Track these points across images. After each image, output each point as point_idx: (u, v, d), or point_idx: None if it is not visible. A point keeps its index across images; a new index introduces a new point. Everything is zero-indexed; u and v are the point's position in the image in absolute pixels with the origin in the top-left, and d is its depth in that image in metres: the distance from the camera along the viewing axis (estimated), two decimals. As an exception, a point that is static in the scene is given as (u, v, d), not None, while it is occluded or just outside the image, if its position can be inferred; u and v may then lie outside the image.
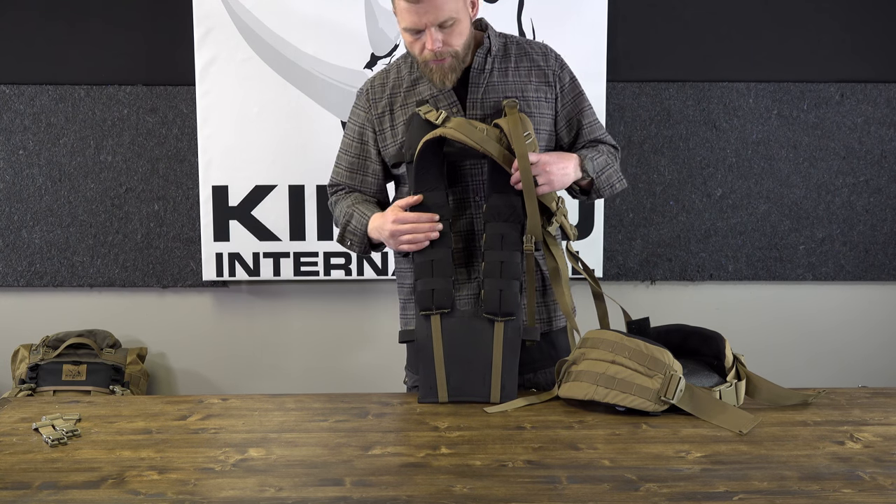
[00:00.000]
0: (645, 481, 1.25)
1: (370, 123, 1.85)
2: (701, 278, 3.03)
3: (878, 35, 2.93)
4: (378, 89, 1.85)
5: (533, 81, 1.81)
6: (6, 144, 2.91)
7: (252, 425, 1.51)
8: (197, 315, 3.03)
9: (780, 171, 2.98)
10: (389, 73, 1.86)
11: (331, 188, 1.95)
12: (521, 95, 1.79)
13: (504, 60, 1.81)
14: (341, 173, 1.91)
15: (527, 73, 1.81)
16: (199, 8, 2.80)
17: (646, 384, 1.52)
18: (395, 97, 1.82)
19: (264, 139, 2.85)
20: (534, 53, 1.83)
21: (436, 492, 1.22)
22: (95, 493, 1.22)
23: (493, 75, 1.79)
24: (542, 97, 1.82)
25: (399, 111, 1.81)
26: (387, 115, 1.83)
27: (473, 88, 1.78)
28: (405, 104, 1.81)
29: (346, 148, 1.90)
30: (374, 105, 1.84)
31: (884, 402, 1.63)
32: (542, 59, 1.83)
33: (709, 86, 2.95)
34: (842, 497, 1.19)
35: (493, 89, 1.78)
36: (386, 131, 1.83)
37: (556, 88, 1.83)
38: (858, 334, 3.08)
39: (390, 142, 1.83)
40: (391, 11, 2.78)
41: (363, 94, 1.87)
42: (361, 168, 1.88)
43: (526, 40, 1.87)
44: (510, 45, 1.84)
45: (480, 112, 1.77)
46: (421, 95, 1.79)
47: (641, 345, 1.55)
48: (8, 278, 2.97)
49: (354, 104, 1.89)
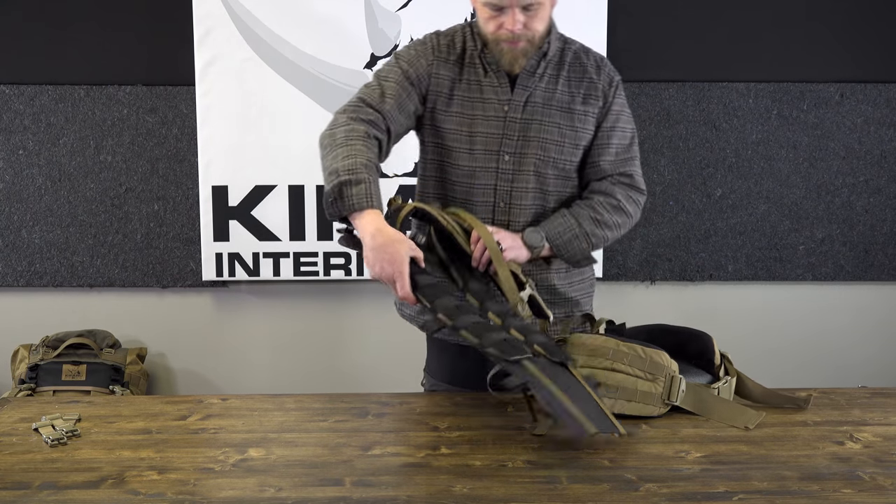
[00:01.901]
0: (645, 481, 1.25)
1: (427, 77, 1.73)
2: (701, 278, 3.03)
3: (878, 35, 2.93)
4: (444, 49, 1.75)
5: (581, 94, 1.75)
6: (6, 144, 2.91)
7: (252, 425, 1.51)
8: (197, 315, 3.03)
9: (779, 171, 2.98)
10: (455, 38, 1.77)
11: (357, 108, 1.69)
12: (566, 108, 1.74)
13: (558, 67, 1.75)
14: (387, 101, 1.69)
15: (577, 85, 1.75)
16: (199, 8, 2.80)
17: (649, 389, 1.51)
18: (461, 67, 1.74)
19: (264, 139, 2.85)
20: (589, 65, 1.77)
21: (436, 492, 1.22)
22: (95, 493, 1.22)
23: (543, 80, 1.74)
24: (589, 112, 1.76)
25: (463, 84, 1.73)
26: (447, 81, 1.73)
27: (519, 90, 1.72)
28: (468, 80, 1.73)
29: (393, 77, 1.72)
30: (438, 63, 1.74)
31: (883, 402, 1.63)
32: (595, 73, 1.77)
33: (709, 86, 2.95)
34: (842, 497, 1.19)
35: (538, 94, 1.73)
36: (441, 97, 1.74)
37: (601, 103, 1.77)
38: (858, 334, 3.08)
39: (441, 108, 1.74)
40: (391, 11, 2.82)
41: (428, 44, 1.76)
42: (405, 109, 1.72)
43: (585, 49, 1.80)
44: (567, 51, 1.77)
45: (520, 115, 1.72)
46: (480, 77, 1.73)
47: (638, 349, 1.52)
48: (8, 278, 2.97)
49: (413, 48, 1.76)
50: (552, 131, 1.73)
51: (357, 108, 1.69)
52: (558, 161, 1.75)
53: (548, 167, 1.75)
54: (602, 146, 1.78)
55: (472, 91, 1.73)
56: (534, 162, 1.74)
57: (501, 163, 1.74)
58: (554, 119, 1.74)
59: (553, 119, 1.74)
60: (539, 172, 1.74)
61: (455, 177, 1.76)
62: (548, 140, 1.73)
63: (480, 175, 1.75)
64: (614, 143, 1.78)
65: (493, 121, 1.73)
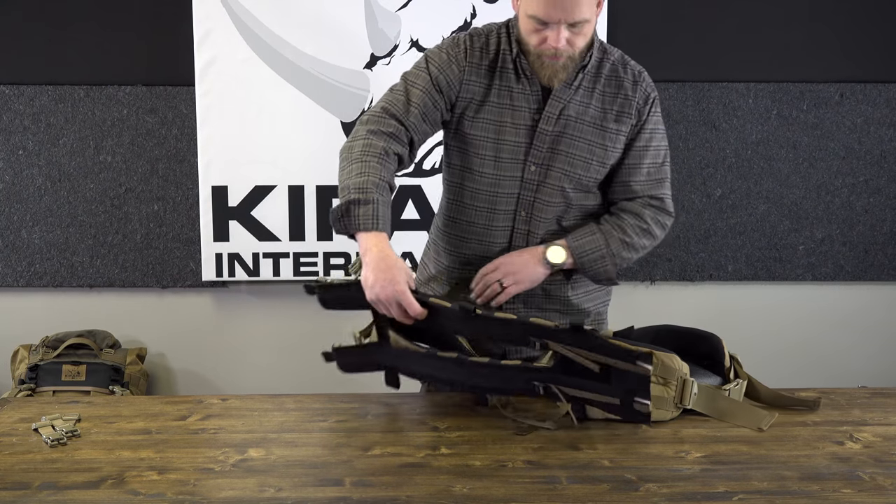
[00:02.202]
0: (645, 481, 1.25)
1: (458, 83, 1.67)
2: (701, 278, 3.03)
3: (878, 35, 2.93)
4: (478, 54, 1.68)
5: (615, 111, 1.70)
6: (6, 144, 2.91)
7: (252, 425, 1.51)
8: (197, 315, 3.03)
9: (779, 171, 2.98)
10: (490, 40, 1.69)
11: (379, 119, 1.64)
12: (599, 125, 1.69)
13: (594, 80, 1.70)
14: (412, 111, 1.64)
15: (611, 101, 1.70)
16: (199, 8, 2.80)
17: (661, 394, 1.49)
18: (493, 72, 1.68)
19: (264, 139, 2.85)
20: (625, 80, 1.71)
21: (436, 492, 1.22)
22: (95, 493, 1.22)
23: (578, 93, 1.68)
24: (621, 130, 1.71)
25: (494, 90, 1.68)
26: (478, 87, 1.68)
27: (554, 102, 1.67)
28: (500, 86, 1.68)
29: (421, 83, 1.66)
30: (471, 69, 1.68)
31: (883, 402, 1.63)
32: (631, 89, 1.71)
33: (709, 86, 2.95)
34: (842, 497, 1.19)
35: (572, 108, 1.68)
36: (472, 103, 1.68)
37: (634, 121, 1.72)
38: (858, 334, 3.08)
39: (469, 115, 1.68)
40: (391, 11, 2.82)
41: (462, 47, 1.69)
42: (431, 117, 1.67)
43: (623, 60, 1.74)
44: (605, 62, 1.71)
45: (552, 128, 1.67)
46: (512, 83, 1.67)
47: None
48: (8, 278, 2.97)
49: (445, 51, 1.69)
50: (581, 147, 1.69)
51: (380, 118, 1.64)
52: (583, 178, 1.71)
53: (572, 182, 1.71)
54: (634, 166, 1.74)
55: (502, 98, 1.68)
56: (559, 176, 1.70)
57: (527, 172, 1.70)
58: (585, 135, 1.69)
59: (584, 135, 1.69)
60: (563, 187, 1.71)
61: (478, 184, 1.73)
62: (576, 156, 1.69)
63: (504, 183, 1.71)
64: (646, 164, 1.75)
65: (522, 129, 1.68)
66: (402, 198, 2.87)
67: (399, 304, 1.47)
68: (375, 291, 1.48)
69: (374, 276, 1.47)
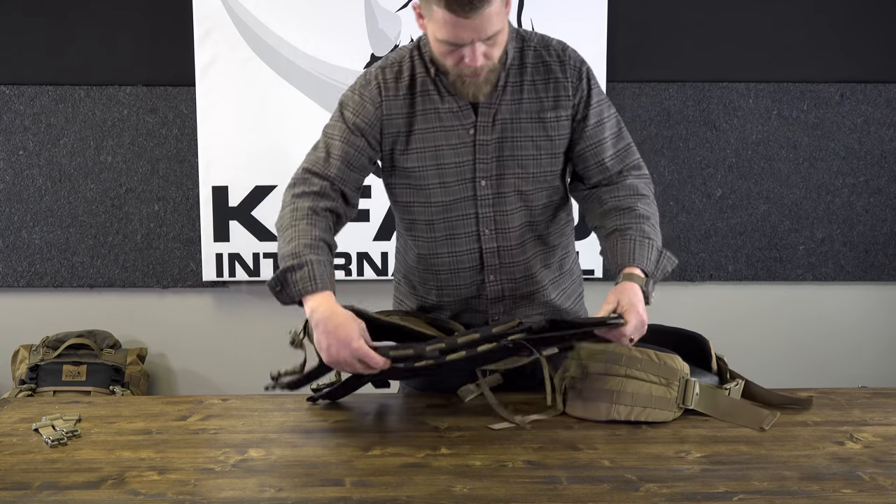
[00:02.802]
0: (645, 481, 1.25)
1: (377, 122, 1.61)
2: (701, 278, 3.03)
3: (878, 35, 2.93)
4: (392, 85, 1.61)
5: (550, 98, 1.61)
6: (6, 145, 2.92)
7: (252, 425, 1.51)
8: (197, 315, 3.03)
9: (780, 171, 2.98)
10: (402, 67, 1.62)
11: (303, 180, 1.61)
12: (537, 117, 1.60)
13: (519, 73, 1.61)
14: (333, 164, 1.60)
15: (544, 88, 1.61)
16: (199, 8, 2.80)
17: (663, 394, 1.49)
18: (413, 99, 1.61)
19: (264, 139, 2.85)
20: (552, 62, 1.61)
21: (436, 492, 1.22)
22: (95, 493, 1.22)
23: (507, 92, 1.59)
24: (562, 116, 1.62)
25: (419, 117, 1.61)
26: (401, 119, 1.61)
27: (484, 110, 1.59)
28: (425, 110, 1.60)
29: (338, 133, 1.61)
30: (388, 103, 1.61)
31: (884, 403, 1.63)
32: (560, 71, 1.61)
33: (709, 86, 2.95)
34: (842, 497, 1.19)
35: (505, 109, 1.60)
36: (399, 136, 1.62)
37: (574, 100, 1.62)
38: (858, 334, 3.08)
39: (400, 148, 1.62)
40: (391, 11, 2.82)
41: (373, 83, 1.61)
42: (357, 164, 1.61)
43: (544, 42, 1.63)
44: (527, 50, 1.62)
45: (490, 136, 1.59)
46: (437, 104, 1.60)
47: (651, 353, 1.51)
48: (8, 278, 2.97)
49: (357, 92, 1.63)
50: (527, 146, 1.61)
51: (303, 180, 1.61)
52: (538, 175, 1.63)
53: (529, 183, 1.63)
54: (598, 144, 1.65)
55: (430, 121, 1.60)
56: (514, 182, 1.62)
57: (479, 189, 1.62)
58: (526, 132, 1.61)
59: (525, 133, 1.61)
60: (521, 191, 1.63)
61: (430, 215, 1.65)
62: (524, 156, 1.61)
63: (458, 207, 1.63)
64: (608, 137, 1.66)
65: (461, 148, 1.60)
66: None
67: (360, 360, 1.41)
68: (332, 355, 1.42)
69: (327, 339, 1.42)
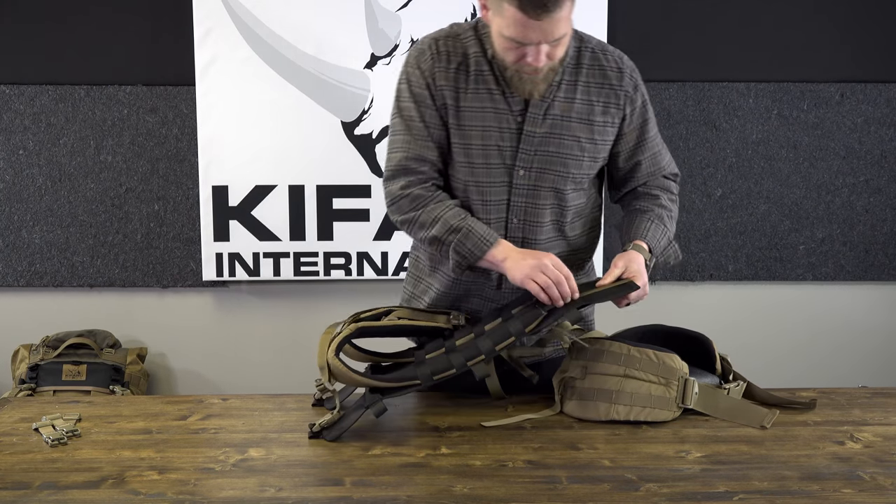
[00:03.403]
0: (645, 481, 1.25)
1: (435, 90, 1.60)
2: (701, 278, 3.03)
3: (878, 35, 2.93)
4: (445, 58, 1.60)
5: (601, 102, 1.63)
6: (6, 144, 2.91)
7: (252, 425, 1.51)
8: (197, 315, 3.03)
9: (780, 171, 2.98)
10: (457, 44, 1.62)
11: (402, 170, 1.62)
12: (586, 119, 1.62)
13: (575, 72, 1.62)
14: (421, 145, 1.61)
15: (597, 92, 1.63)
16: (199, 8, 2.80)
17: (662, 394, 1.49)
18: (465, 76, 1.60)
19: (264, 139, 2.85)
20: (608, 69, 1.64)
21: (436, 492, 1.22)
22: (95, 493, 1.22)
23: (561, 89, 1.60)
24: (609, 122, 1.64)
25: (470, 95, 1.60)
26: (448, 92, 1.60)
27: (537, 102, 1.59)
28: (477, 89, 1.60)
29: (417, 114, 1.61)
30: (439, 74, 1.60)
31: (884, 402, 1.63)
32: (616, 78, 1.64)
33: (709, 86, 2.95)
34: (842, 497, 1.19)
35: (557, 105, 1.60)
36: (448, 109, 1.61)
37: (626, 111, 1.65)
38: (858, 334, 3.08)
39: (448, 121, 1.61)
40: (391, 11, 2.82)
41: (426, 54, 1.61)
42: (439, 138, 1.63)
43: (602, 47, 1.66)
44: (584, 51, 1.63)
45: (538, 129, 1.60)
46: (490, 86, 1.59)
47: (650, 353, 1.51)
48: (8, 278, 2.97)
49: (414, 63, 1.62)
50: (572, 146, 1.62)
51: (402, 169, 1.63)
52: (577, 176, 1.65)
53: (566, 183, 1.64)
54: (654, 155, 1.71)
55: (482, 101, 1.61)
56: (552, 178, 1.63)
57: (516, 177, 1.62)
58: (574, 132, 1.62)
59: (573, 132, 1.62)
60: (557, 188, 1.64)
61: (464, 192, 1.65)
62: (567, 155, 1.62)
63: (491, 190, 1.63)
64: (659, 146, 1.73)
65: (506, 133, 1.61)
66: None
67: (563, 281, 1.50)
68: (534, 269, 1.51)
69: (524, 261, 1.52)
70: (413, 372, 1.50)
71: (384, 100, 2.83)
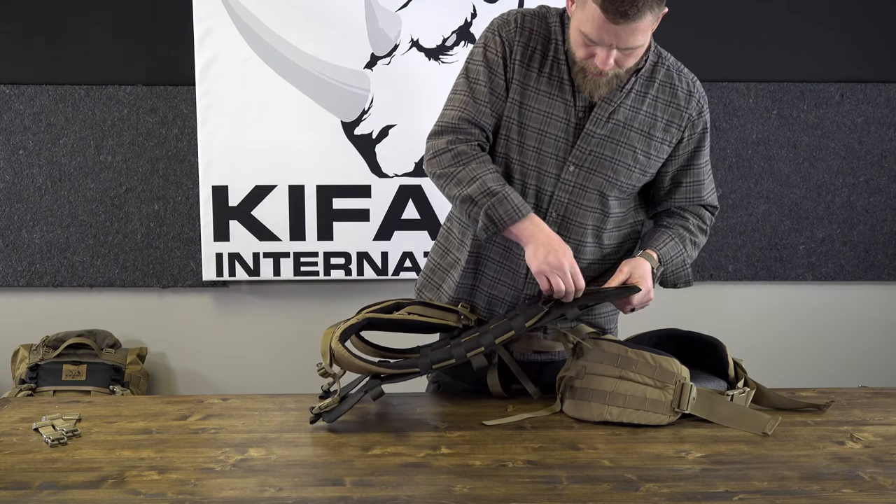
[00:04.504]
0: (645, 481, 1.25)
1: (509, 61, 1.61)
2: (701, 278, 3.03)
3: (878, 35, 2.93)
4: (527, 34, 1.61)
5: (664, 119, 1.64)
6: (6, 144, 2.91)
7: (252, 425, 1.51)
8: (197, 315, 3.03)
9: (780, 171, 2.98)
10: (541, 25, 1.62)
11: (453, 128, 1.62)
12: (647, 132, 1.63)
13: (647, 84, 1.64)
14: (480, 110, 1.61)
15: (663, 109, 1.64)
16: (199, 8, 2.79)
17: (658, 397, 1.48)
18: (541, 58, 1.61)
19: (264, 139, 2.85)
20: (679, 88, 1.65)
21: (436, 492, 1.22)
22: (95, 493, 1.22)
23: (630, 97, 1.62)
24: (667, 140, 1.66)
25: (544, 79, 1.61)
26: (519, 67, 1.60)
27: (604, 104, 1.60)
28: (550, 75, 1.61)
29: (485, 79, 1.61)
30: (518, 48, 1.60)
31: (884, 402, 1.63)
32: (685, 100, 1.65)
33: (709, 86, 2.94)
34: (842, 497, 1.19)
35: (622, 112, 1.62)
36: (516, 85, 1.61)
37: (685, 133, 1.67)
38: (858, 334, 3.08)
39: (513, 98, 1.61)
40: (391, 11, 2.82)
41: (511, 24, 1.62)
42: (498, 108, 1.62)
43: (678, 67, 1.68)
44: (660, 66, 1.65)
45: (599, 130, 1.61)
46: (563, 75, 1.60)
47: (647, 356, 1.50)
48: (8, 278, 2.97)
49: (496, 31, 1.62)
50: (627, 155, 1.63)
51: (453, 127, 1.62)
52: (624, 185, 1.66)
53: (612, 189, 1.65)
54: (700, 182, 1.72)
55: (553, 87, 1.61)
56: (600, 181, 1.63)
57: (565, 172, 1.63)
58: (632, 142, 1.63)
59: (631, 142, 1.63)
60: (604, 193, 1.65)
61: (512, 174, 1.65)
62: (620, 163, 1.63)
63: (537, 176, 1.64)
64: (709, 175, 1.74)
65: (567, 126, 1.61)
66: (402, 197, 2.87)
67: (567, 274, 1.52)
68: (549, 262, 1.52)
69: (544, 248, 1.53)
70: (414, 361, 1.53)
71: (384, 100, 2.83)
